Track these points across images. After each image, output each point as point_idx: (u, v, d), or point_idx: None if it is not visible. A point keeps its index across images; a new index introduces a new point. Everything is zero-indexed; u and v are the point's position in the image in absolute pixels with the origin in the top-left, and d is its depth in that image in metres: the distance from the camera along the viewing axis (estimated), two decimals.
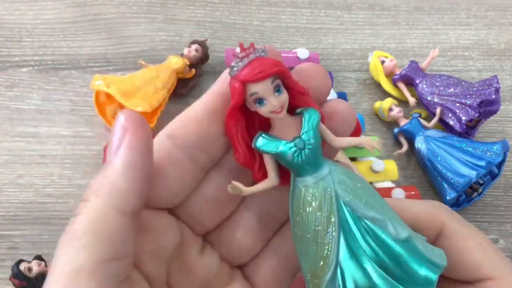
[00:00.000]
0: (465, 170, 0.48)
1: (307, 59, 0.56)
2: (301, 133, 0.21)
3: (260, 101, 0.21)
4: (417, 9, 0.65)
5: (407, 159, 0.54)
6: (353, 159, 0.51)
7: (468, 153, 0.49)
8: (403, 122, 0.53)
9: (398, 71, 0.56)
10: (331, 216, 0.21)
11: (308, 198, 0.21)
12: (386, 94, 0.57)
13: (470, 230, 0.24)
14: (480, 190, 0.51)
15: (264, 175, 0.22)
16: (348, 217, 0.21)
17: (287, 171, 0.22)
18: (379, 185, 0.50)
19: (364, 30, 0.62)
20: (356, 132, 0.50)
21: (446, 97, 0.52)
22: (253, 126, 0.23)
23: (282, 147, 0.21)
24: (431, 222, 0.24)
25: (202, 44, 0.56)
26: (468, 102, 0.51)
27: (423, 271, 0.21)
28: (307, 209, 0.21)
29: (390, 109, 0.54)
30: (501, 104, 0.52)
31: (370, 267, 0.20)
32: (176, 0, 0.62)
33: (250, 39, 0.60)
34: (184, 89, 0.54)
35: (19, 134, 0.51)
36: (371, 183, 0.50)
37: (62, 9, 0.60)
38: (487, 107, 0.51)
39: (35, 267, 0.42)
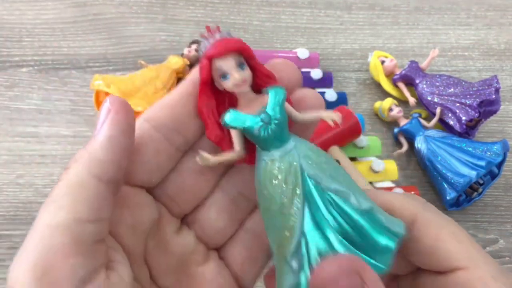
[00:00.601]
0: (465, 170, 0.48)
1: (307, 59, 0.56)
2: (267, 108, 0.23)
3: (224, 75, 0.23)
4: (417, 9, 0.65)
5: (407, 159, 0.54)
6: (353, 159, 0.51)
7: (468, 153, 0.49)
8: (403, 122, 0.53)
9: (398, 71, 0.56)
10: (296, 188, 0.22)
11: (274, 171, 0.22)
12: (386, 94, 0.57)
13: (444, 221, 0.23)
14: (480, 190, 0.51)
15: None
16: (312, 189, 0.22)
17: (254, 150, 0.24)
18: (379, 185, 0.50)
19: (364, 30, 0.63)
20: (356, 132, 0.50)
21: (446, 97, 0.52)
22: (224, 106, 0.24)
23: (249, 122, 0.23)
24: (404, 211, 0.24)
25: None
26: (468, 102, 0.51)
27: (383, 240, 0.22)
28: (273, 182, 0.22)
29: (390, 109, 0.54)
30: (501, 104, 0.52)
31: (333, 237, 0.21)
32: (176, 0, 0.62)
33: (250, 39, 0.60)
34: None
35: (19, 134, 0.51)
36: (370, 183, 0.50)
37: (62, 9, 0.60)
38: (487, 107, 0.51)
39: None
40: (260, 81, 0.24)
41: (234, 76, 0.23)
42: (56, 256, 0.18)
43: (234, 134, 0.23)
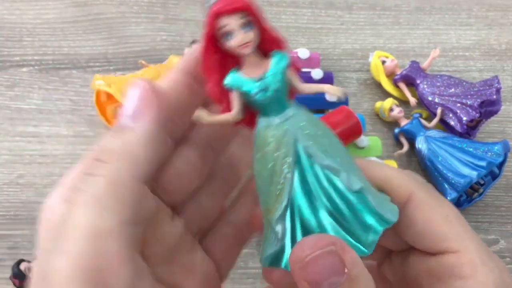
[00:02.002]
0: (465, 171, 0.48)
1: (308, 59, 0.56)
2: (267, 74, 0.22)
3: (228, 35, 0.22)
4: (418, 9, 0.65)
5: (408, 159, 0.54)
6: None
7: (469, 153, 0.48)
8: (403, 122, 0.53)
9: (399, 71, 0.56)
10: (288, 157, 0.22)
11: (269, 137, 0.22)
12: (387, 94, 0.57)
13: (439, 202, 0.23)
14: (481, 190, 0.51)
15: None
16: (304, 160, 0.22)
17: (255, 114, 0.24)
18: None
19: (365, 30, 0.62)
20: (357, 132, 0.50)
21: (447, 97, 0.52)
22: (229, 66, 0.23)
23: (248, 86, 0.22)
24: (399, 187, 0.24)
25: None
26: (469, 103, 0.51)
27: (370, 220, 0.21)
28: (267, 147, 0.22)
29: (391, 109, 0.54)
30: (502, 105, 0.52)
31: (319, 208, 0.21)
32: (177, 0, 0.62)
33: None
34: None
35: (19, 134, 0.51)
36: None
37: (62, 9, 0.60)
38: (488, 108, 0.51)
39: None
40: (267, 45, 0.22)
41: (238, 37, 0.21)
42: (113, 262, 0.18)
43: (234, 97, 0.23)
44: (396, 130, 0.54)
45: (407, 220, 0.23)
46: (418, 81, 0.54)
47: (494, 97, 0.50)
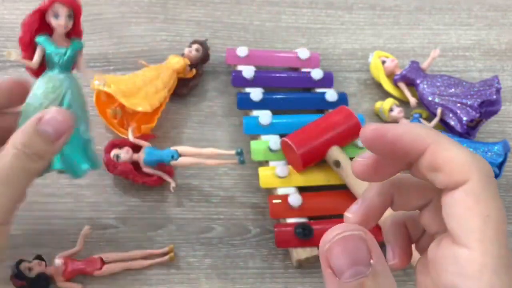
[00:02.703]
0: None
1: (308, 59, 0.56)
2: (68, 48, 0.38)
3: (56, 16, 0.36)
4: (418, 9, 0.65)
5: None
6: (353, 159, 0.51)
7: None
8: (404, 122, 0.53)
9: (399, 71, 0.56)
10: (56, 100, 0.37)
11: (46, 84, 0.37)
12: (387, 94, 0.57)
13: (487, 198, 0.23)
14: None
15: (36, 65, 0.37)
16: (64, 107, 0.37)
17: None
18: None
19: (365, 30, 0.63)
20: (356, 132, 0.49)
21: (447, 98, 0.52)
22: (41, 32, 0.37)
23: (53, 48, 0.37)
24: (459, 170, 0.23)
25: (203, 44, 0.56)
26: (469, 103, 0.51)
27: (85, 166, 0.38)
28: (40, 90, 0.37)
29: (391, 110, 0.54)
30: (502, 105, 0.52)
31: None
32: (177, 0, 0.62)
33: (250, 39, 0.60)
34: (184, 89, 0.54)
35: None
36: None
37: None
38: (488, 108, 0.51)
39: (36, 267, 0.42)
40: (72, 32, 0.38)
41: (61, 19, 0.36)
42: None
43: (38, 50, 0.37)
44: None
45: (447, 207, 0.23)
46: (418, 81, 0.54)
47: (494, 97, 0.50)
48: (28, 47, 0.37)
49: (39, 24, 0.36)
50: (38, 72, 0.37)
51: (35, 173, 0.35)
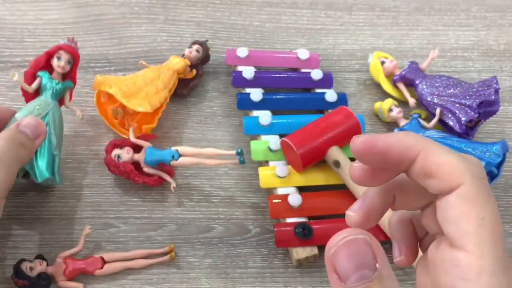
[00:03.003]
0: None
1: (308, 60, 0.56)
2: (59, 84, 0.46)
3: (59, 58, 0.46)
4: (417, 10, 0.65)
5: None
6: (353, 159, 0.51)
7: (468, 153, 0.49)
8: (403, 122, 0.54)
9: (398, 72, 0.56)
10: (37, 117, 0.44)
11: (33, 103, 0.45)
12: (386, 95, 0.57)
13: (482, 201, 0.23)
14: None
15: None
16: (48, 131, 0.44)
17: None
18: None
19: (364, 31, 0.63)
20: (356, 132, 0.50)
21: (445, 98, 0.53)
22: (45, 68, 0.47)
23: (49, 81, 0.46)
24: (452, 175, 0.23)
25: (203, 44, 0.56)
26: (467, 103, 0.51)
27: (44, 169, 0.43)
28: (28, 108, 0.45)
29: (390, 110, 0.54)
30: (501, 105, 0.52)
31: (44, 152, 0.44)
32: (177, 1, 0.62)
33: (250, 40, 0.60)
34: (185, 89, 0.54)
35: None
36: None
37: (63, 10, 0.60)
38: (487, 108, 0.51)
39: (37, 266, 0.42)
40: (68, 76, 0.47)
41: (62, 63, 0.46)
42: None
43: (38, 80, 0.46)
44: (395, 131, 0.54)
45: (442, 211, 0.23)
46: (417, 82, 0.55)
47: (493, 97, 0.50)
48: (30, 78, 0.46)
49: (44, 63, 0.46)
50: (30, 97, 0.46)
51: (22, 160, 0.42)
